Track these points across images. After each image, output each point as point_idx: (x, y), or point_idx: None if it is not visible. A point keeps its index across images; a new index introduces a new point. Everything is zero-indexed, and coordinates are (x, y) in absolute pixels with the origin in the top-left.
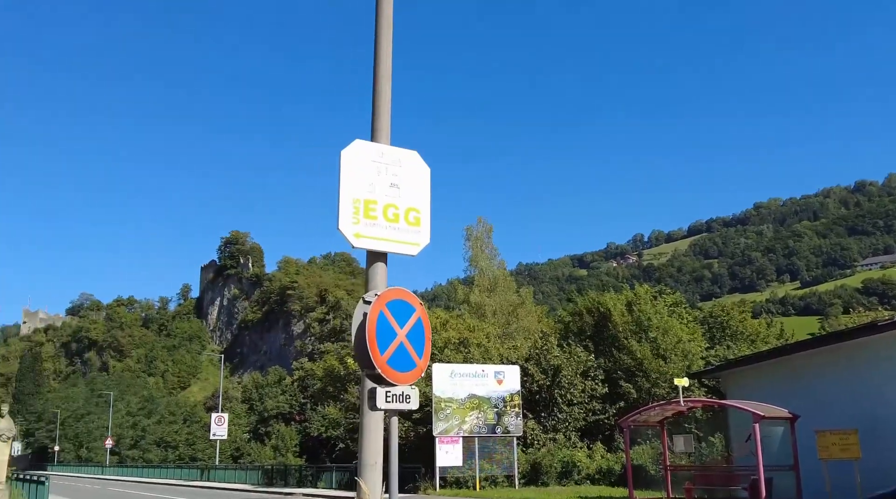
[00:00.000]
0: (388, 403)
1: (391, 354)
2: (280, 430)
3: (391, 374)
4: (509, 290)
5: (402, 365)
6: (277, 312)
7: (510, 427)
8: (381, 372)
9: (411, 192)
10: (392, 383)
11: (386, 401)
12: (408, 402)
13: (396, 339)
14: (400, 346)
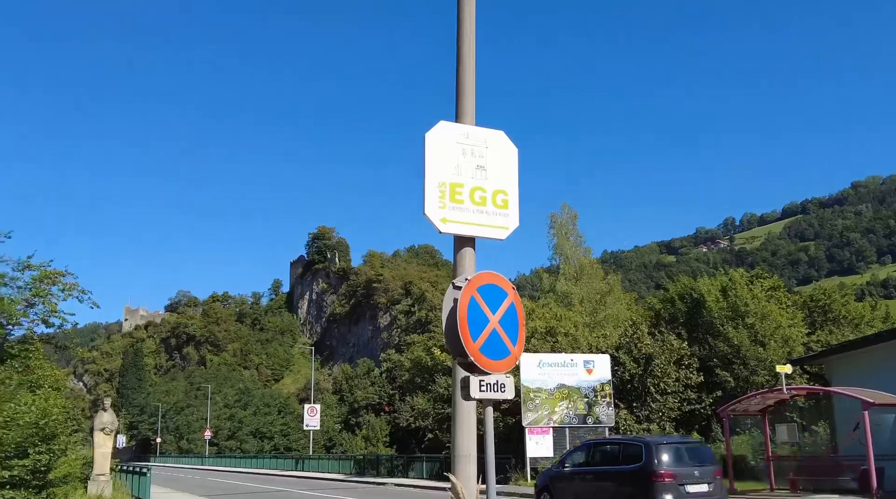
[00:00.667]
0: (482, 392)
1: (484, 342)
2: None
3: (484, 362)
4: (596, 277)
5: (495, 352)
6: (364, 305)
7: (602, 417)
8: (474, 360)
9: (498, 173)
10: (485, 371)
11: (480, 390)
12: (503, 391)
13: (489, 325)
14: (493, 333)
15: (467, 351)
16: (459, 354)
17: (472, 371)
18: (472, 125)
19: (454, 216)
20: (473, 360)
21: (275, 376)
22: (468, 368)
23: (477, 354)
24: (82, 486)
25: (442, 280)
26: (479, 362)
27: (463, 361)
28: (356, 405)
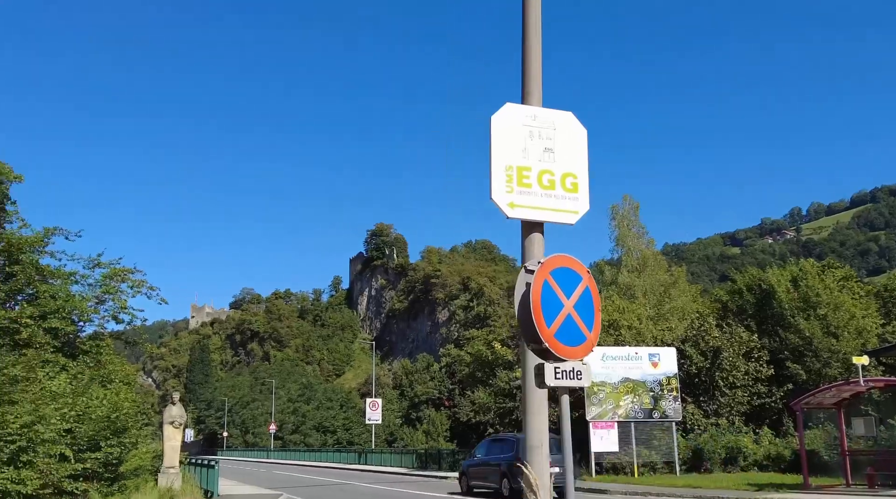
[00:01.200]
0: (557, 379)
1: (558, 327)
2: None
3: (559, 348)
4: (660, 269)
5: (570, 338)
6: (422, 300)
7: (668, 412)
8: (549, 346)
9: (567, 156)
10: (561, 357)
11: (555, 377)
12: (579, 378)
13: (563, 310)
14: (567, 318)
15: (541, 337)
16: (533, 340)
17: (546, 358)
18: (538, 107)
19: (522, 201)
20: (548, 346)
21: (336, 371)
22: (542, 354)
23: (551, 340)
24: (153, 478)
25: (500, 275)
26: (553, 349)
27: (537, 347)
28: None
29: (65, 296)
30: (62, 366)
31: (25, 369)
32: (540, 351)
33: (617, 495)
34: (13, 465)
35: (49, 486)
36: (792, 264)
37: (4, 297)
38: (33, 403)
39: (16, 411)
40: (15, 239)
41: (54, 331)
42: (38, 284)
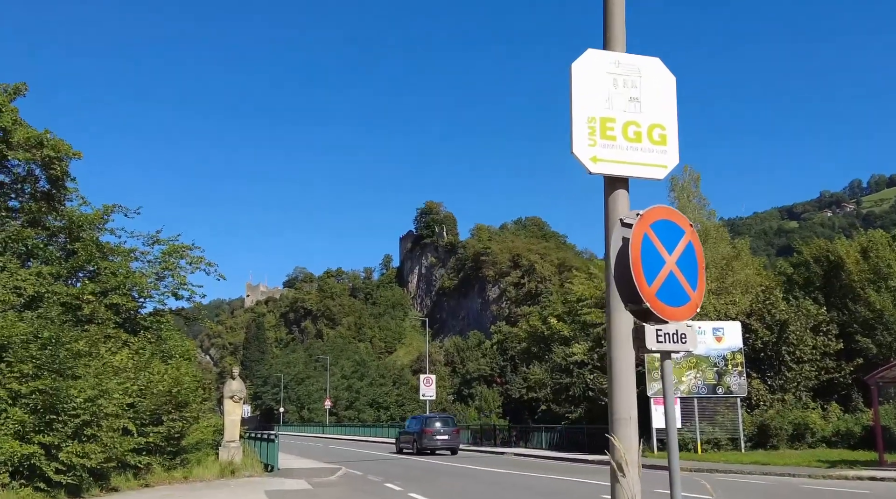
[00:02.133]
0: (659, 343)
1: (660, 286)
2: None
3: (662, 309)
4: (722, 241)
5: (673, 298)
6: (472, 278)
7: (733, 387)
8: (651, 306)
9: (654, 105)
10: (663, 319)
11: (657, 341)
12: (683, 342)
13: (665, 267)
14: (669, 275)
15: (642, 296)
16: (632, 300)
17: (646, 320)
18: (622, 52)
19: (605, 155)
20: (649, 306)
21: (388, 348)
22: (642, 316)
23: (653, 299)
24: (214, 452)
25: (550, 252)
26: (655, 309)
27: (635, 308)
28: (468, 377)
29: (125, 272)
30: (124, 341)
31: (88, 344)
32: (639, 312)
33: (682, 472)
34: (77, 439)
35: (112, 460)
36: (861, 235)
37: (67, 273)
38: (96, 377)
39: (79, 385)
40: (76, 216)
41: (115, 307)
42: (99, 260)
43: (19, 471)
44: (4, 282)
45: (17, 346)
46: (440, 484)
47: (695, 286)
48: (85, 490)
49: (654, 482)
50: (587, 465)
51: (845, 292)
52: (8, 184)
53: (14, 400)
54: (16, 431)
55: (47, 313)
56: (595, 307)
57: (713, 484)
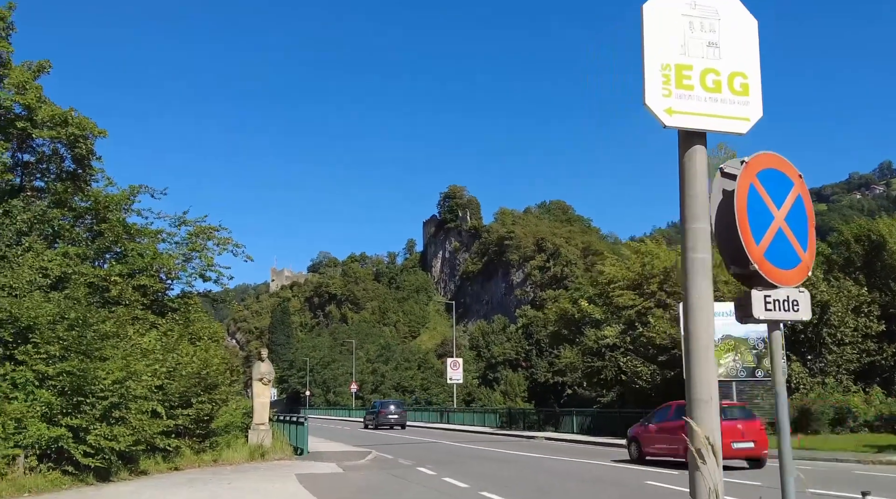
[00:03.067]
0: (768, 312)
1: (769, 245)
2: (507, 376)
3: (771, 271)
4: None
5: (783, 259)
6: (496, 262)
7: None
8: (758, 268)
9: (735, 51)
10: (772, 283)
11: (766, 309)
12: (795, 310)
13: (773, 223)
14: (778, 233)
15: (750, 257)
16: (737, 262)
17: (752, 284)
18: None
19: (682, 106)
20: (758, 268)
21: (412, 332)
22: (746, 280)
23: (762, 261)
24: (243, 435)
25: (575, 235)
26: (764, 272)
27: (740, 271)
28: (493, 361)
29: (152, 253)
30: (152, 323)
31: (116, 326)
32: (744, 276)
33: None
34: (106, 421)
35: (141, 442)
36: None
37: (94, 255)
38: (124, 359)
39: (107, 366)
40: (102, 197)
41: (143, 288)
42: (126, 242)
43: (47, 454)
44: (30, 263)
45: (43, 327)
46: (474, 468)
47: (805, 246)
48: (114, 473)
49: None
50: (623, 450)
51: (887, 273)
52: (33, 164)
53: (41, 382)
54: (43, 413)
55: (74, 294)
56: (627, 289)
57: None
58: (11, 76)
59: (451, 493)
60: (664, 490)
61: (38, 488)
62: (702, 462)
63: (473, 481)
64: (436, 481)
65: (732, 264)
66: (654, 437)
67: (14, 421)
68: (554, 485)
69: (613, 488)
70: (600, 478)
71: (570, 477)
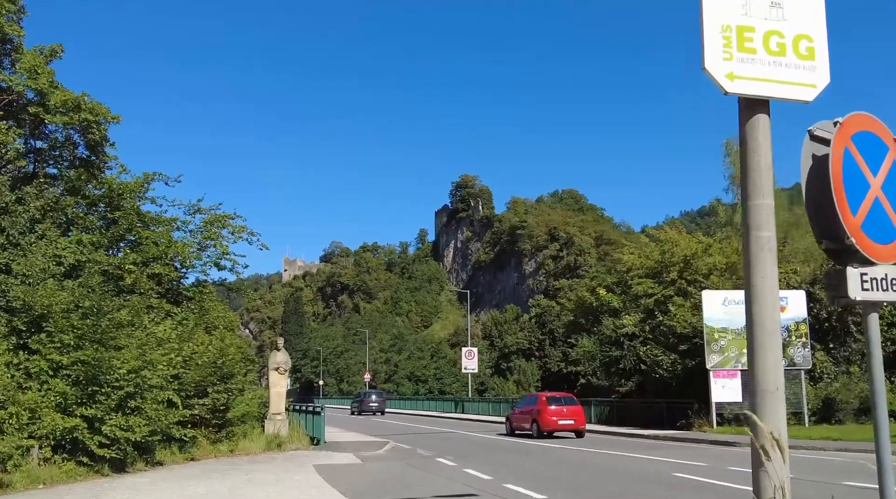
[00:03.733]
0: (865, 291)
1: (865, 216)
2: (520, 365)
3: (869, 246)
4: (780, 208)
5: (880, 233)
6: (508, 252)
7: (797, 359)
8: (855, 242)
9: (799, 12)
10: (870, 259)
11: (862, 288)
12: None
13: (869, 192)
14: (875, 204)
15: (847, 229)
16: (830, 234)
17: (845, 261)
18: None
19: (744, 70)
20: (854, 242)
21: (424, 322)
22: (839, 256)
23: (858, 233)
24: (259, 425)
25: (588, 225)
26: (861, 246)
27: (834, 246)
28: (506, 350)
29: (167, 242)
30: (167, 312)
31: (131, 314)
32: (837, 252)
33: (748, 447)
34: (121, 411)
35: (157, 433)
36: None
37: (108, 243)
38: (140, 348)
39: (122, 356)
40: (116, 185)
41: (157, 277)
42: (140, 230)
43: (62, 445)
44: (44, 250)
45: (57, 315)
46: (495, 459)
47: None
48: (129, 464)
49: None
50: (645, 440)
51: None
52: (46, 151)
53: (55, 371)
54: (57, 403)
55: (88, 282)
56: (646, 277)
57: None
58: (23, 61)
59: (474, 485)
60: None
61: (53, 479)
62: (766, 459)
63: (495, 472)
64: (457, 472)
65: (824, 238)
66: (518, 417)
67: (28, 411)
68: (579, 478)
69: (643, 482)
70: (627, 471)
71: (598, 471)
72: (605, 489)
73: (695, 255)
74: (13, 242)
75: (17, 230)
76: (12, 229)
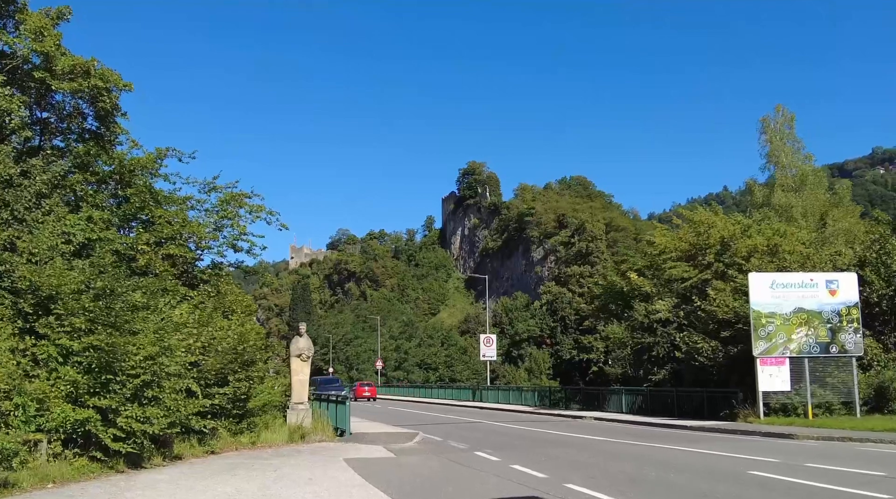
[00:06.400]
0: None
1: None
2: (532, 353)
3: None
4: (820, 187)
5: None
6: (516, 239)
7: (848, 346)
8: None
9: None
10: None
11: None
12: None
13: None
14: None
15: None
16: None
17: None
18: None
19: None
20: None
21: (431, 310)
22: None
23: None
24: (281, 415)
25: (597, 212)
26: None
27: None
28: (517, 338)
29: (181, 221)
30: (182, 295)
31: (145, 297)
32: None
33: (808, 439)
34: (137, 401)
35: (176, 424)
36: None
37: (119, 221)
38: (156, 333)
39: (138, 341)
40: (127, 161)
41: (171, 258)
42: (153, 208)
43: (73, 439)
44: (52, 227)
45: (67, 297)
46: (541, 454)
47: None
48: (146, 459)
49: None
50: (691, 432)
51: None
52: (53, 123)
53: (65, 358)
54: (68, 393)
55: (100, 262)
56: (679, 261)
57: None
58: (28, 22)
59: (530, 484)
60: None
61: (63, 476)
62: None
63: (548, 469)
64: (503, 468)
65: None
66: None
67: (36, 402)
68: (646, 475)
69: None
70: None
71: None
72: (686, 489)
73: (733, 236)
74: (18, 217)
75: (23, 205)
76: (17, 204)
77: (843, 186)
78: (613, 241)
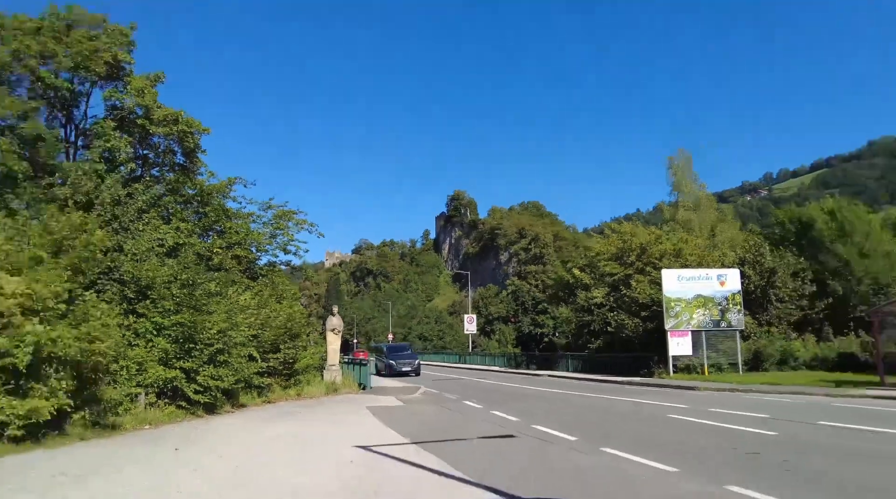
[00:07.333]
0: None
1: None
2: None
3: None
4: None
5: None
6: (489, 246)
7: (733, 322)
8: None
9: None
10: None
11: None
12: None
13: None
14: None
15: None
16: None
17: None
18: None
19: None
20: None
21: (428, 297)
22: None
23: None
24: (319, 374)
25: (547, 225)
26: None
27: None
28: (490, 318)
29: (245, 231)
30: (246, 285)
31: (219, 287)
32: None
33: (707, 391)
34: (212, 364)
35: (241, 381)
36: (831, 198)
37: (200, 231)
38: (226, 313)
39: (212, 319)
40: (206, 186)
41: (238, 258)
42: (225, 221)
43: (164, 392)
44: (149, 235)
45: (160, 286)
46: (514, 403)
47: None
48: (219, 407)
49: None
50: (622, 385)
51: (815, 246)
52: (151, 158)
53: (158, 332)
54: (160, 357)
55: (185, 260)
56: (610, 260)
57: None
58: (133, 84)
59: (507, 425)
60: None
61: (157, 420)
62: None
63: (520, 415)
64: (486, 413)
65: None
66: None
67: (136, 364)
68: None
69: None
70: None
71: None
72: (620, 429)
73: (649, 243)
74: (124, 227)
75: (128, 218)
76: (124, 217)
77: (728, 208)
78: (559, 247)
